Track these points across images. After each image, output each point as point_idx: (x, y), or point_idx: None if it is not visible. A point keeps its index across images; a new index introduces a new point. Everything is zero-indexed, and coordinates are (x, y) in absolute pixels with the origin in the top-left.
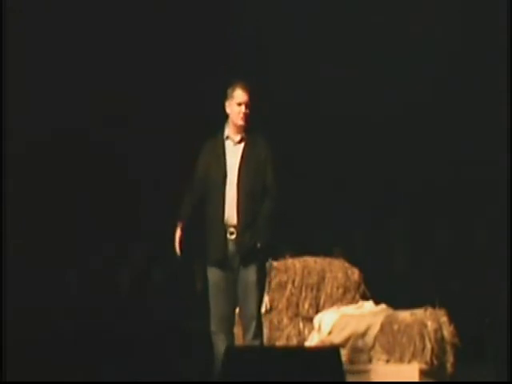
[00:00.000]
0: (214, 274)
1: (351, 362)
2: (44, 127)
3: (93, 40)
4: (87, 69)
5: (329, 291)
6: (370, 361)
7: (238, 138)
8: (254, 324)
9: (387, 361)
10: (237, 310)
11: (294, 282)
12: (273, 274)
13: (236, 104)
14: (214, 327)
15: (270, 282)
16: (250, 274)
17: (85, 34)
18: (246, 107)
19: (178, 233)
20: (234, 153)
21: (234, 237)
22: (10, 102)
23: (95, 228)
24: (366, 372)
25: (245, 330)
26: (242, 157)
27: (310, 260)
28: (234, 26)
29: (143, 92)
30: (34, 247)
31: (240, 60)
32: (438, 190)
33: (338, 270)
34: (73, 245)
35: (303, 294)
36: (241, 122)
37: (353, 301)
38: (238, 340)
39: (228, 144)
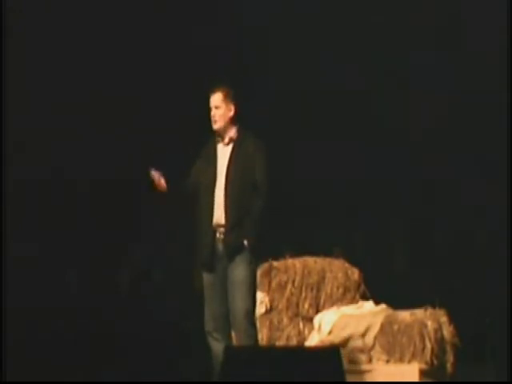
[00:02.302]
0: (206, 276)
1: (351, 361)
2: (44, 127)
3: (93, 40)
4: (87, 69)
5: (329, 291)
6: (370, 361)
7: (226, 139)
8: (245, 323)
9: (387, 361)
10: None
11: (294, 282)
12: (273, 273)
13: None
14: (208, 327)
15: (270, 282)
16: (238, 272)
17: (85, 34)
18: (215, 109)
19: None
20: (223, 154)
21: (222, 236)
22: (10, 103)
23: (95, 228)
24: (366, 372)
25: (236, 330)
26: (231, 157)
27: (310, 260)
28: (234, 25)
29: (143, 92)
30: (34, 247)
31: (240, 60)
32: (438, 190)
33: (338, 270)
34: (73, 245)
35: (303, 294)
36: (213, 126)
37: (353, 301)
38: (231, 340)
39: (219, 146)
